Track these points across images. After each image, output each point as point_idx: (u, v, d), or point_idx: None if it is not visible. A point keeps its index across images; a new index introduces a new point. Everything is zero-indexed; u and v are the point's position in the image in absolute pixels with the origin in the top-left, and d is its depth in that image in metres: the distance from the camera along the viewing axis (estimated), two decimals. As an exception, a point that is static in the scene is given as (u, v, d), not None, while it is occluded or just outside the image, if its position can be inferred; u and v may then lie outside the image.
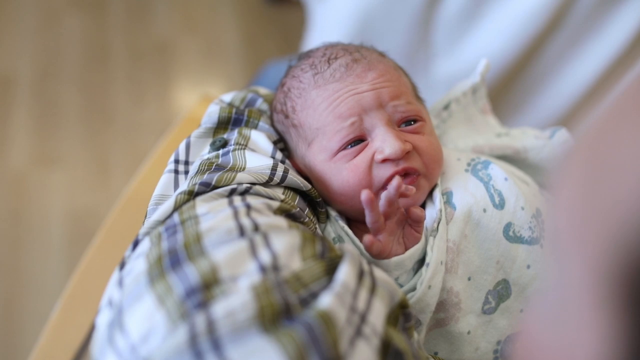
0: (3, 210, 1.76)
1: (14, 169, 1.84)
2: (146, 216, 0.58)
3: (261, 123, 0.67)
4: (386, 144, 0.59)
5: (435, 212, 0.60)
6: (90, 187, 1.84)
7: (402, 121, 0.63)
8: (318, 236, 0.52)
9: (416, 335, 0.52)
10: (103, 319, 0.47)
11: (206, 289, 0.42)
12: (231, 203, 0.51)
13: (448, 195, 0.62)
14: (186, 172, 0.61)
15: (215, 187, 0.54)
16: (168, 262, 0.45)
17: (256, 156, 0.60)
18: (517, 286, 0.60)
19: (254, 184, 0.55)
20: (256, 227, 0.48)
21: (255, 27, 2.30)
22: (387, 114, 0.61)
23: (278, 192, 0.57)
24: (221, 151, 0.61)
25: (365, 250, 0.57)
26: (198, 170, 0.58)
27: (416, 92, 0.69)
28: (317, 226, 0.62)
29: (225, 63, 2.20)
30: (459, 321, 0.58)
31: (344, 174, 0.61)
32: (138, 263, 0.47)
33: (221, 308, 0.40)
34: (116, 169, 1.89)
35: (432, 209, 0.61)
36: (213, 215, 0.49)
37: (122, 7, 2.28)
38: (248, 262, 0.44)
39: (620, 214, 0.23)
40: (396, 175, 0.58)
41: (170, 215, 0.52)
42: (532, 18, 0.97)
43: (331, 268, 0.46)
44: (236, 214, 0.49)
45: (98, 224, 1.00)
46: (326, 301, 0.41)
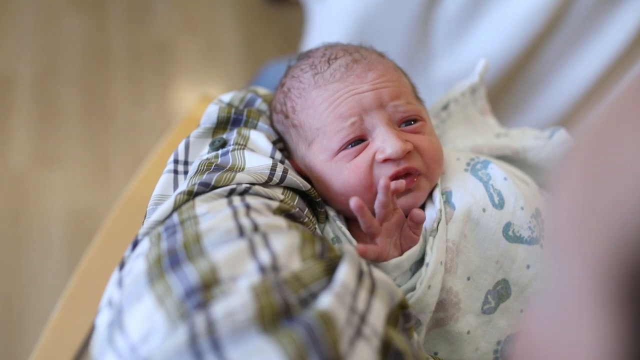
0: (3, 210, 1.76)
1: (14, 169, 1.84)
2: (146, 216, 0.58)
3: (260, 123, 0.67)
4: (387, 144, 0.59)
5: (435, 212, 0.60)
6: (90, 187, 1.84)
7: (403, 121, 0.63)
8: (317, 236, 0.52)
9: (416, 335, 0.52)
10: (103, 319, 0.47)
11: (206, 289, 0.42)
12: (230, 203, 0.51)
13: (447, 195, 0.62)
14: (185, 172, 0.61)
15: (214, 187, 0.54)
16: (167, 262, 0.45)
17: (255, 156, 0.60)
18: (517, 286, 0.60)
19: (253, 184, 0.55)
20: (255, 227, 0.47)
21: (255, 27, 2.30)
22: (388, 114, 0.61)
23: (277, 192, 0.57)
24: (220, 151, 0.61)
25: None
26: (197, 170, 0.58)
27: (416, 93, 0.69)
28: (317, 226, 0.62)
29: (225, 63, 2.20)
30: (459, 321, 0.58)
31: (345, 174, 0.61)
32: (137, 263, 0.47)
33: (221, 308, 0.40)
34: (116, 169, 1.89)
35: (432, 209, 0.61)
36: (212, 215, 0.49)
37: (122, 7, 2.28)
38: (247, 262, 0.44)
39: (620, 214, 0.23)
40: (384, 176, 0.58)
41: (169, 215, 0.52)
42: (532, 18, 0.97)
43: (331, 268, 0.46)
44: (235, 214, 0.49)
45: (98, 224, 1.00)
46: (326, 301, 0.41)
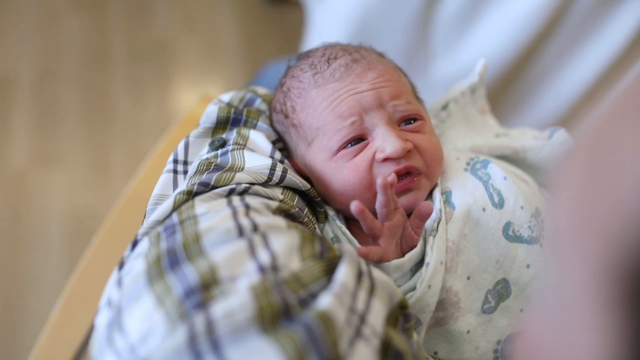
0: (3, 210, 1.76)
1: (14, 169, 1.84)
2: (145, 216, 0.58)
3: (260, 123, 0.67)
4: (387, 143, 0.59)
5: (434, 212, 0.60)
6: (90, 187, 1.84)
7: (402, 120, 0.63)
8: (317, 236, 0.51)
9: (416, 335, 0.52)
10: (102, 319, 0.47)
11: (205, 289, 0.42)
12: (230, 203, 0.51)
13: (447, 194, 0.62)
14: (185, 172, 0.61)
15: (214, 187, 0.54)
16: (167, 262, 0.45)
17: (255, 156, 0.60)
18: (517, 285, 0.60)
19: (253, 184, 0.55)
20: (255, 227, 0.47)
21: (255, 28, 2.30)
22: (387, 114, 0.61)
23: (277, 192, 0.57)
24: (220, 151, 0.61)
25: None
26: (197, 170, 0.58)
27: (415, 92, 0.69)
28: (317, 226, 0.62)
29: (225, 63, 2.20)
30: (458, 320, 0.58)
31: (345, 173, 0.61)
32: (137, 263, 0.47)
33: (220, 308, 0.40)
34: (116, 169, 1.89)
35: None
36: (212, 215, 0.49)
37: (122, 7, 2.28)
38: (247, 263, 0.44)
39: (620, 214, 0.23)
40: (381, 176, 0.57)
41: (169, 215, 0.52)
42: (531, 19, 0.97)
43: (330, 268, 0.46)
44: (235, 214, 0.49)
45: (98, 224, 1.00)
46: (325, 302, 0.41)
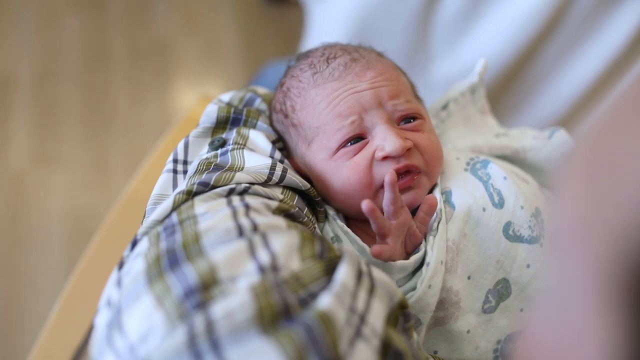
0: (3, 210, 1.76)
1: (14, 169, 1.84)
2: (145, 216, 0.58)
3: (260, 123, 0.67)
4: (387, 142, 0.59)
5: (435, 212, 0.60)
6: (90, 187, 1.84)
7: (402, 119, 0.63)
8: (317, 236, 0.51)
9: (416, 335, 0.52)
10: (102, 319, 0.47)
11: (205, 290, 0.42)
12: (230, 203, 0.51)
13: (447, 194, 0.62)
14: (185, 172, 0.61)
15: (213, 187, 0.54)
16: (166, 262, 0.45)
17: (255, 156, 0.60)
18: (517, 285, 0.60)
19: (253, 184, 0.55)
20: (255, 227, 0.47)
21: (254, 28, 2.30)
22: (387, 113, 0.61)
23: (277, 192, 0.57)
24: (220, 151, 0.61)
25: (374, 258, 0.57)
26: (197, 169, 0.58)
27: (415, 91, 0.69)
28: (316, 226, 0.62)
29: (224, 63, 2.20)
30: (458, 320, 0.58)
31: (345, 172, 0.61)
32: (136, 263, 0.47)
33: (220, 308, 0.40)
34: (116, 169, 1.89)
35: (432, 209, 0.61)
36: (211, 215, 0.49)
37: (122, 7, 2.28)
38: (247, 263, 0.44)
39: (621, 215, 0.23)
40: (390, 172, 0.57)
41: (168, 215, 0.51)
42: (531, 19, 0.97)
43: (330, 268, 0.46)
44: (235, 214, 0.49)
45: (98, 224, 1.00)
46: (325, 302, 0.41)
